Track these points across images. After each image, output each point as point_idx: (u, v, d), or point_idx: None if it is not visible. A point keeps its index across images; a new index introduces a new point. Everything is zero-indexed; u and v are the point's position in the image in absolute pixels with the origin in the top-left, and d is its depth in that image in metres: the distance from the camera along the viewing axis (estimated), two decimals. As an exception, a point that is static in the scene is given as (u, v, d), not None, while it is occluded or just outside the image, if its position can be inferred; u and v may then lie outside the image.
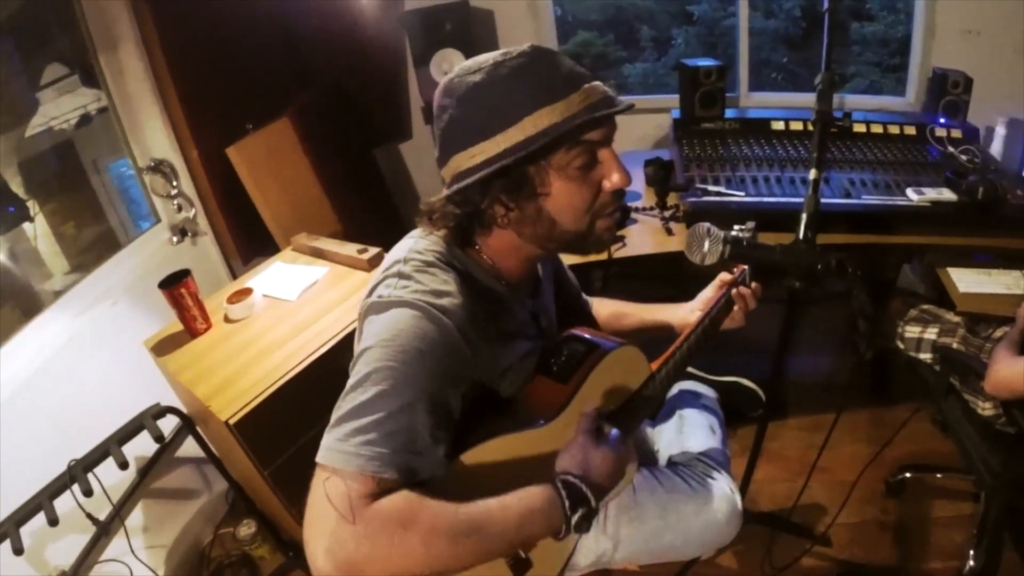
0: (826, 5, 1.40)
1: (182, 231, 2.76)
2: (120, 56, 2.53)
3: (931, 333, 2.04)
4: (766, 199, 2.16)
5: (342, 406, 0.89)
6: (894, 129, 2.61)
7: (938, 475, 2.30)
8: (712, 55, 6.28)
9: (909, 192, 2.18)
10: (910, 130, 2.61)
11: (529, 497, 0.92)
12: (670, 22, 6.50)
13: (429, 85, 2.96)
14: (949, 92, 2.58)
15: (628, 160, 1.05)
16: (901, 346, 2.08)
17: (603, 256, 2.10)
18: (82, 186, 2.80)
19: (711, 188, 2.21)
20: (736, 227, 1.41)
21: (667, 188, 2.24)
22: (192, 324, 2.00)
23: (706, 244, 1.25)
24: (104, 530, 1.96)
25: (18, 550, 1.60)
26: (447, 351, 0.94)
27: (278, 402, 1.72)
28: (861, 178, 2.28)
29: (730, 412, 1.78)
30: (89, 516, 1.85)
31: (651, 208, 2.31)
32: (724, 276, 1.45)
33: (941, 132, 2.55)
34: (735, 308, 1.42)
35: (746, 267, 1.47)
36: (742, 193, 2.19)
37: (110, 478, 1.84)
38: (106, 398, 2.10)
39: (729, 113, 2.70)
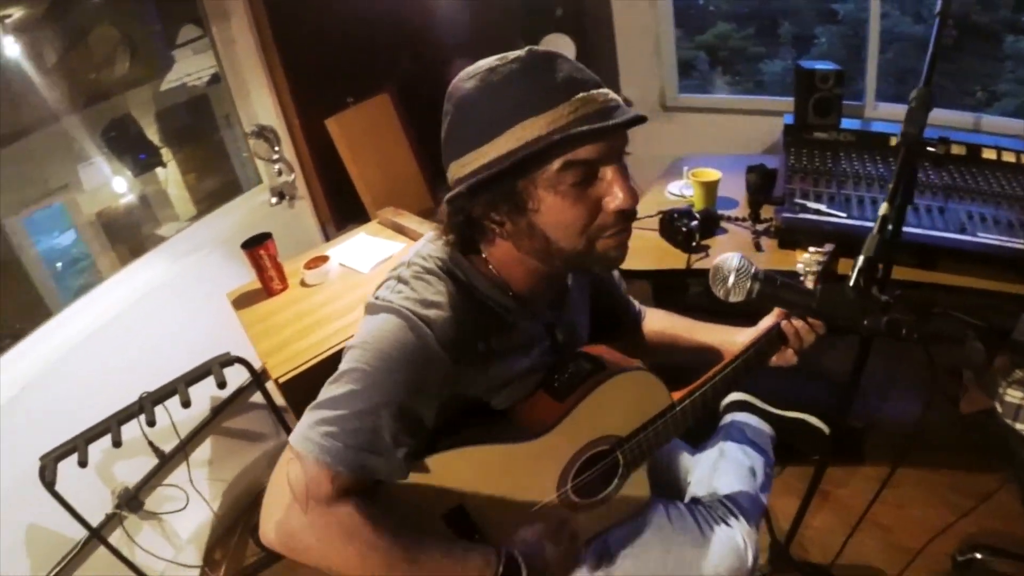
0: (939, 6, 1.26)
1: (280, 194, 2.90)
2: (232, 26, 2.72)
3: None
4: (868, 224, 1.98)
5: (320, 395, 0.96)
6: None
7: (1014, 563, 2.02)
8: (855, 58, 5.95)
9: None
10: None
11: (469, 556, 0.97)
12: (814, 19, 6.14)
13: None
14: None
15: (734, 163, 0.98)
16: (999, 409, 1.87)
17: (681, 266, 2.01)
18: (212, 138, 3.05)
19: (810, 204, 2.06)
20: (811, 249, 1.29)
21: (761, 199, 2.10)
22: (269, 284, 2.14)
23: (731, 278, 1.10)
24: (165, 458, 2.17)
25: (82, 463, 1.82)
26: (423, 362, 0.96)
27: (327, 368, 1.79)
28: (982, 212, 2.05)
29: (790, 449, 1.67)
30: (151, 444, 2.06)
31: (743, 219, 2.18)
32: (779, 309, 1.29)
33: None
34: (788, 343, 1.25)
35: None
36: (844, 214, 2.02)
37: (183, 413, 2.01)
38: (186, 340, 2.28)
39: (849, 124, 2.49)
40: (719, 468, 1.47)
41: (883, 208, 1.14)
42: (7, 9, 2.24)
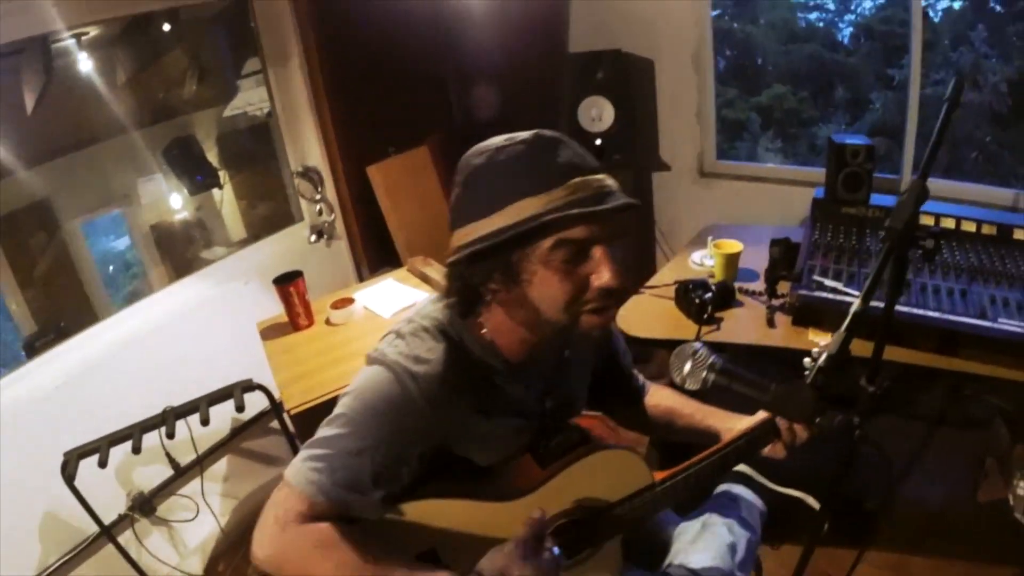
0: (949, 92, 1.15)
1: (320, 232, 3.02)
2: (288, 69, 2.90)
3: None
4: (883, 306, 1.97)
5: (315, 434, 1.07)
6: None
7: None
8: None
9: None
10: None
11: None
12: (873, 84, 6.11)
13: (575, 132, 3.02)
14: None
15: (764, 234, 0.97)
16: (1011, 501, 1.82)
17: (691, 337, 2.03)
18: (269, 166, 3.22)
19: (828, 283, 2.05)
20: (822, 343, 1.28)
21: (777, 275, 2.10)
22: (296, 319, 2.25)
23: (687, 366, 1.13)
24: (180, 470, 2.29)
25: (102, 464, 1.93)
26: (405, 414, 1.03)
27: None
28: (1007, 296, 2.00)
29: (783, 527, 1.64)
30: (168, 455, 2.16)
31: (760, 293, 2.18)
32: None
33: None
34: (780, 437, 1.25)
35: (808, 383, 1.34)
36: (859, 294, 2.00)
37: (203, 429, 2.09)
38: (217, 361, 2.42)
39: (880, 200, 2.47)
40: (698, 541, 1.45)
41: (855, 305, 1.12)
42: (85, 27, 2.43)
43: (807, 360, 1.16)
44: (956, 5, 6.10)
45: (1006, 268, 2.16)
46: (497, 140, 1.03)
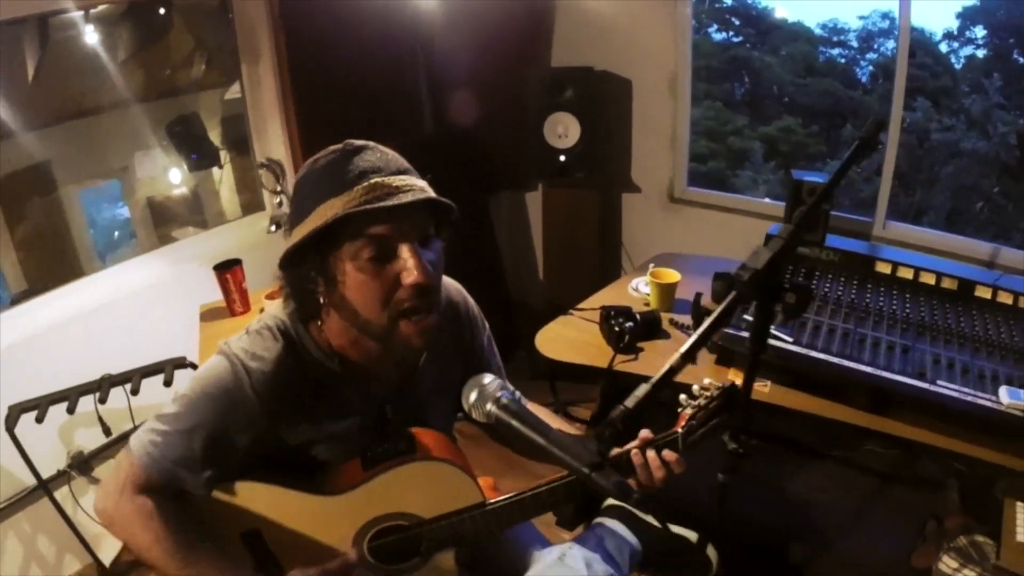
0: (863, 131, 1.12)
1: (278, 223, 3.02)
2: (259, 68, 3.00)
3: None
4: (813, 355, 1.87)
5: (160, 410, 1.16)
6: None
7: None
8: (916, 168, 5.75)
9: (1002, 392, 1.74)
10: None
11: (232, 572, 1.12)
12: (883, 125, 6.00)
13: (540, 147, 3.02)
14: None
15: (719, 266, 0.90)
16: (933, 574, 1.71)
17: (604, 364, 1.95)
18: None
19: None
20: (707, 380, 1.30)
21: (703, 310, 2.02)
22: (232, 305, 2.34)
23: (473, 395, 1.06)
24: (111, 435, 2.36)
25: (39, 420, 2.08)
26: (236, 403, 1.10)
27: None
28: (951, 357, 1.89)
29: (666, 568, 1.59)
30: (100, 419, 2.27)
31: (688, 327, 2.10)
32: (644, 434, 1.25)
33: None
34: (635, 475, 1.21)
35: (679, 431, 1.26)
36: (791, 339, 1.91)
37: (143, 402, 2.18)
38: (158, 337, 2.52)
39: (841, 243, 2.38)
40: (549, 570, 1.39)
41: (673, 359, 1.00)
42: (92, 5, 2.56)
43: (691, 391, 1.23)
44: (980, 53, 6.01)
45: (959, 327, 2.04)
46: (322, 152, 1.09)
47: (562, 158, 3.06)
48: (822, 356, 1.88)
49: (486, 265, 3.47)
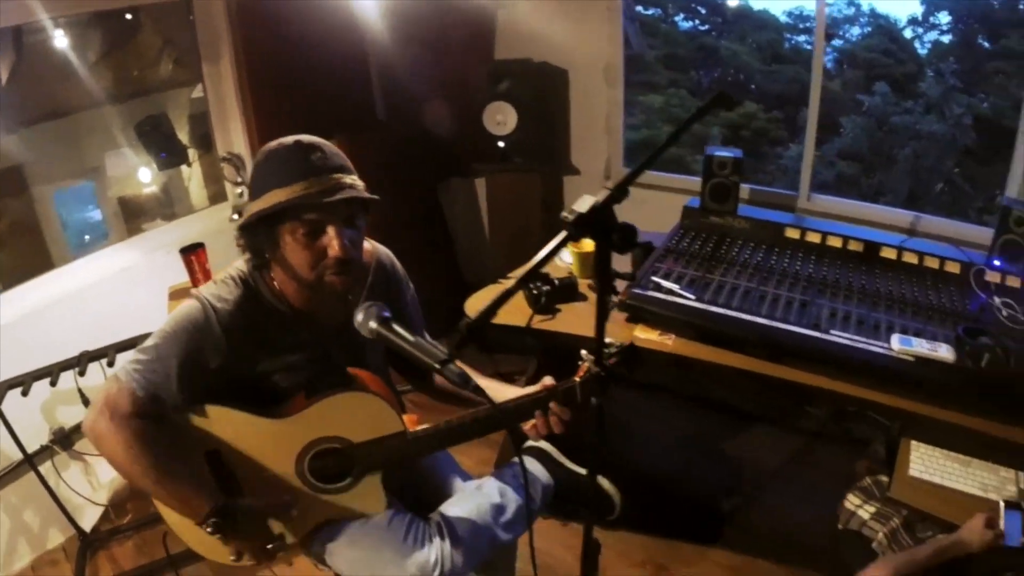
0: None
1: (239, 212, 3.16)
2: (220, 66, 3.17)
3: (866, 511, 1.75)
4: (712, 309, 2.01)
5: (142, 344, 1.38)
6: (931, 263, 2.26)
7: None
8: (877, 151, 5.86)
9: (893, 340, 1.87)
10: (952, 267, 2.23)
11: (200, 492, 1.34)
12: (846, 110, 6.09)
13: (480, 135, 3.17)
14: (1011, 230, 2.16)
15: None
16: (839, 512, 1.81)
17: (522, 323, 2.10)
18: None
19: (665, 284, 2.10)
20: (608, 340, 1.41)
21: (612, 274, 2.15)
22: (196, 285, 2.45)
23: (360, 315, 1.26)
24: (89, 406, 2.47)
25: (25, 392, 2.26)
26: (204, 334, 1.35)
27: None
28: (848, 311, 2.02)
29: (576, 506, 1.75)
30: (80, 392, 2.45)
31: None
32: (546, 380, 1.49)
33: (993, 277, 2.16)
34: (533, 420, 1.46)
35: (576, 380, 1.46)
36: (693, 297, 2.05)
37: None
38: (131, 316, 2.57)
39: (752, 212, 2.54)
40: (466, 497, 1.64)
41: (510, 283, 1.12)
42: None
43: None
44: (945, 39, 6.09)
45: (860, 284, 2.17)
46: (277, 141, 1.34)
47: (501, 144, 3.22)
48: (720, 310, 2.02)
49: (439, 249, 3.62)
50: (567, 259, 2.45)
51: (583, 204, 1.15)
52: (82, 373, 2.32)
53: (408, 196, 3.49)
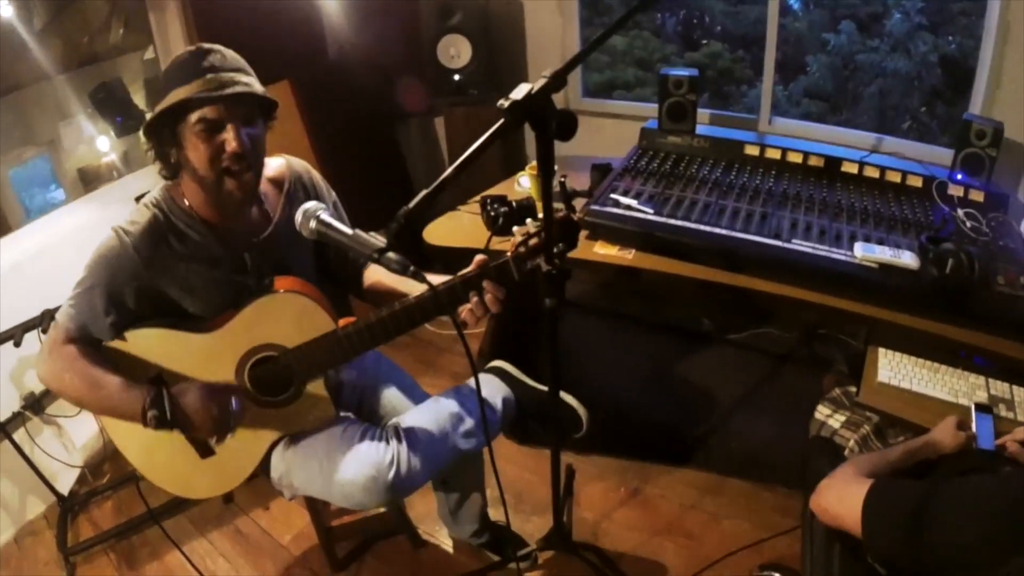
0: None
1: None
2: (167, 18, 3.04)
3: (836, 420, 1.72)
4: (670, 222, 1.97)
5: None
6: (893, 176, 2.24)
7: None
8: (843, 91, 5.84)
9: (856, 247, 1.85)
10: (914, 181, 2.21)
11: (131, 388, 1.39)
12: (809, 48, 6.03)
13: (436, 69, 3.11)
14: (972, 143, 2.16)
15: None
16: (809, 425, 1.78)
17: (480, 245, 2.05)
18: None
19: (623, 200, 2.05)
20: (528, 220, 1.50)
21: (570, 192, 2.10)
22: None
23: (299, 217, 1.33)
24: None
25: None
26: (121, 259, 1.41)
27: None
28: (809, 221, 1.99)
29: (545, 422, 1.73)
30: None
31: (560, 210, 2.18)
32: (479, 258, 1.42)
33: (956, 190, 2.15)
34: (469, 304, 1.42)
35: (509, 255, 1.39)
36: (651, 211, 2.01)
37: None
38: None
39: (709, 131, 2.52)
40: (424, 408, 1.66)
41: (447, 171, 1.13)
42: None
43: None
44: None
45: (821, 197, 2.15)
46: (188, 47, 1.37)
47: (456, 78, 3.16)
48: (680, 222, 1.98)
49: (398, 189, 3.53)
50: (525, 184, 2.39)
51: (519, 92, 1.11)
52: (45, 331, 2.24)
53: (365, 137, 3.40)
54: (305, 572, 2.14)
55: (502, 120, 1.11)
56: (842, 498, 1.24)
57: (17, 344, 2.19)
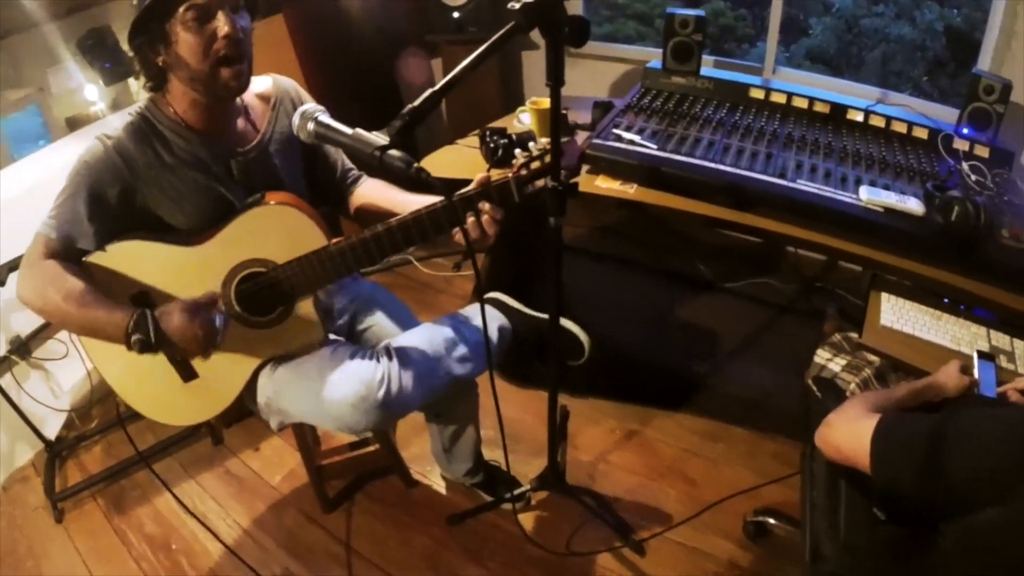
0: None
1: None
2: None
3: (837, 364, 1.70)
4: (673, 157, 1.93)
5: None
6: (899, 127, 2.21)
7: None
8: (845, 55, 5.77)
9: (862, 190, 1.82)
10: (920, 132, 2.18)
11: (115, 313, 1.31)
12: (813, 9, 5.95)
13: (436, 5, 3.07)
14: (980, 98, 2.12)
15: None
16: (809, 369, 1.76)
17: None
18: None
19: (626, 135, 2.00)
20: (531, 144, 1.41)
21: (573, 126, 2.06)
22: None
23: (296, 119, 1.29)
24: None
25: None
26: (103, 162, 1.35)
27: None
28: (814, 163, 1.96)
29: (543, 350, 1.70)
30: None
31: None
32: (480, 177, 1.39)
33: (961, 144, 2.14)
34: (468, 223, 1.37)
35: (511, 176, 1.36)
36: (655, 146, 1.96)
37: None
38: None
39: (714, 73, 2.45)
40: (418, 330, 1.62)
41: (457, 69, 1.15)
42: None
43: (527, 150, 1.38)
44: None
45: (826, 141, 2.11)
46: None
47: (456, 15, 3.08)
48: (682, 158, 1.93)
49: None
50: (526, 120, 2.34)
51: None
52: None
53: (363, 75, 3.30)
54: (296, 513, 2.12)
55: (512, 23, 1.08)
56: (850, 432, 1.22)
57: (2, 283, 2.12)
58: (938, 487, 1.08)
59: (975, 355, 1.54)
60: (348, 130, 1.23)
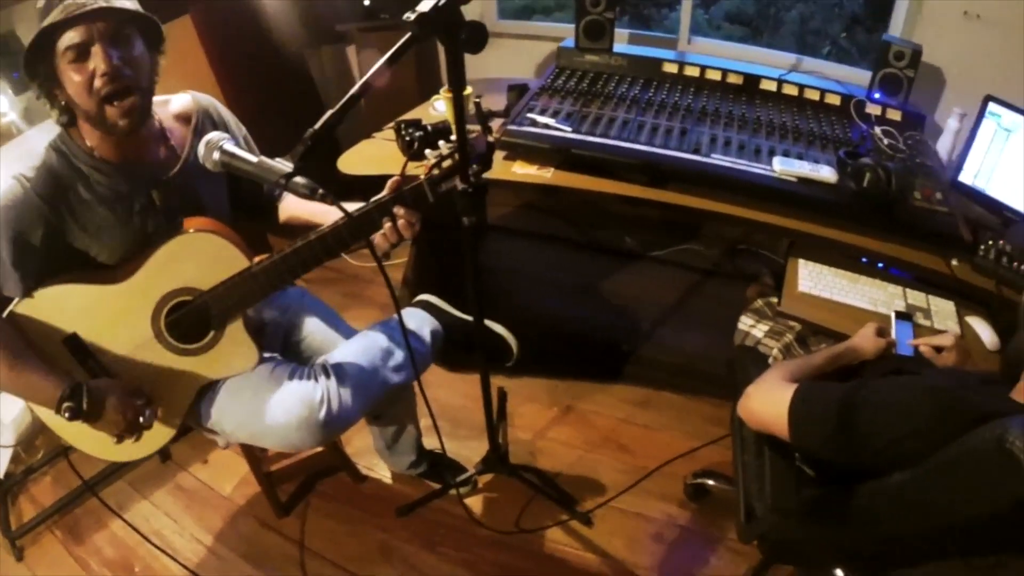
0: None
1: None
2: None
3: (759, 330, 1.74)
4: (588, 139, 1.92)
5: None
6: (812, 94, 2.24)
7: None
8: (763, 15, 5.83)
9: (775, 161, 1.85)
10: (832, 99, 2.23)
11: (50, 378, 1.31)
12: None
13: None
14: (890, 64, 2.17)
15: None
16: (735, 336, 1.80)
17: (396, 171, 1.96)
18: None
19: (540, 119, 1.98)
20: (442, 143, 1.37)
21: (485, 113, 2.03)
22: None
23: (202, 149, 1.25)
24: None
25: None
26: (24, 206, 1.29)
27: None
28: (728, 137, 1.98)
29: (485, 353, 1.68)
30: None
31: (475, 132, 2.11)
32: (393, 180, 1.38)
33: (874, 109, 2.18)
34: (383, 230, 1.37)
35: (423, 178, 1.34)
36: (569, 129, 1.95)
37: None
38: None
39: (627, 49, 2.44)
40: (351, 343, 1.61)
41: (355, 87, 1.11)
42: None
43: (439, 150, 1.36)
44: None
45: (740, 113, 2.13)
46: None
47: (366, 2, 3.01)
48: (598, 139, 1.93)
49: (312, 121, 3.35)
50: (440, 108, 2.30)
51: (426, 5, 1.04)
52: None
53: (274, 69, 3.19)
54: (251, 520, 2.09)
55: (409, 34, 1.05)
56: (768, 402, 1.25)
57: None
58: (851, 454, 1.13)
59: (892, 316, 1.60)
60: (253, 158, 1.20)
